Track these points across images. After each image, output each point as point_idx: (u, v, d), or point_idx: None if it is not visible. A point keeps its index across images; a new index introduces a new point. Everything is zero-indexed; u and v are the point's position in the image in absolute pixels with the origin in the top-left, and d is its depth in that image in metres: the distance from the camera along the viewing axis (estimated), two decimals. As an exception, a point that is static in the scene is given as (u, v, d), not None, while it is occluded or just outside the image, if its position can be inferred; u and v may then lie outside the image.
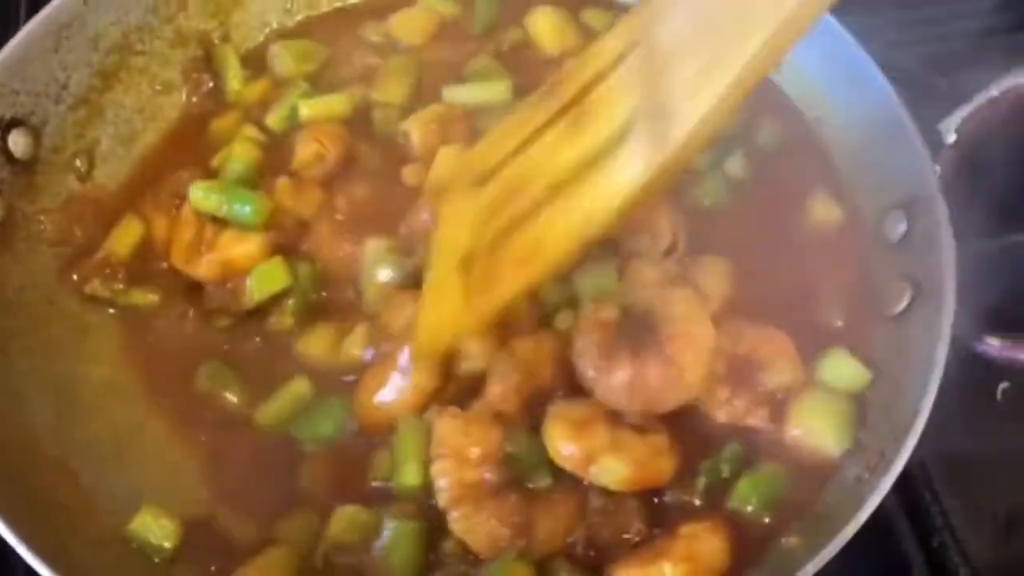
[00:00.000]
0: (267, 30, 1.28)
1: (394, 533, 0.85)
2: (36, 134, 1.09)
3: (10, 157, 1.06)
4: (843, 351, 0.96)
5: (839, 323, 0.99)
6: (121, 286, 1.06)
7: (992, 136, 1.02)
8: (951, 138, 1.01)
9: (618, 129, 0.81)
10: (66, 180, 1.12)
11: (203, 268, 1.04)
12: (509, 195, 0.88)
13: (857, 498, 0.82)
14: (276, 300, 1.02)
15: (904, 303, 0.97)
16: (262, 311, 1.02)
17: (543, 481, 0.86)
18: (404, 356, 0.91)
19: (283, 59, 1.21)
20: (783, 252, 1.01)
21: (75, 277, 1.07)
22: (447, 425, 0.85)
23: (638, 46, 0.82)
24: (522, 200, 0.86)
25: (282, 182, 1.08)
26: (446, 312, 0.89)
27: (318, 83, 1.20)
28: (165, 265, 1.07)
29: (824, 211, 1.05)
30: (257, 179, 1.08)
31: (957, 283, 0.92)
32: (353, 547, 0.85)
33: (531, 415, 0.88)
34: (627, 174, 0.79)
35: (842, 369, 0.95)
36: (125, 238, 1.08)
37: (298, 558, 0.87)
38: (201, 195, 1.04)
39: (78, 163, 1.13)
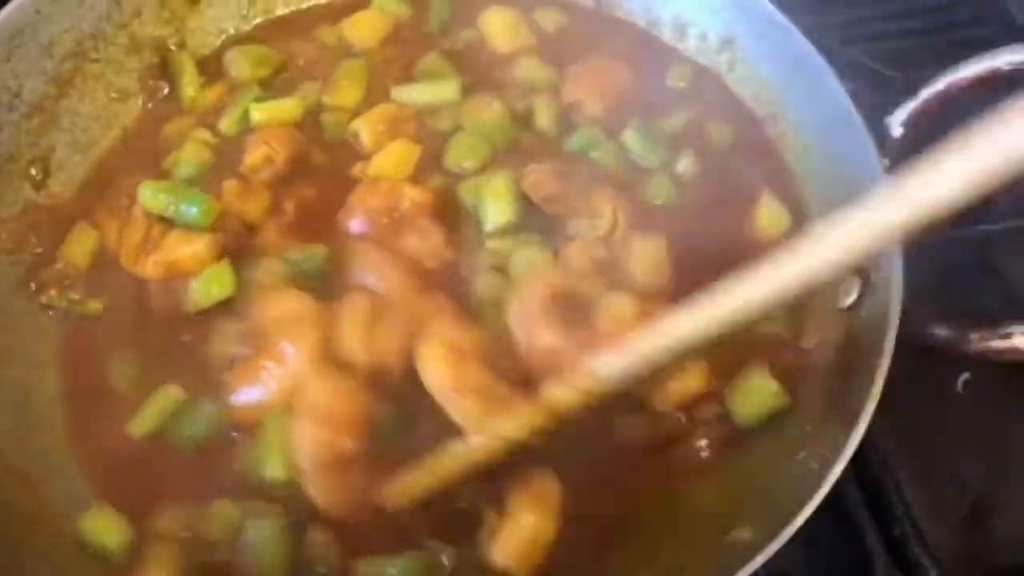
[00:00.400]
0: (223, 36, 1.28)
1: (257, 531, 0.86)
2: (-11, 142, 1.09)
3: (-36, 166, 1.06)
4: (762, 372, 0.96)
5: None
6: (77, 296, 1.05)
7: (939, 129, 1.02)
8: (898, 131, 1.02)
9: None
10: (22, 189, 1.12)
11: (149, 268, 1.03)
12: None
13: (808, 488, 0.83)
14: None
15: (854, 296, 0.98)
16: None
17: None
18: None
19: (239, 64, 1.21)
20: (725, 251, 1.01)
21: (33, 286, 1.06)
22: (317, 387, 0.86)
23: None
24: None
25: (229, 184, 1.08)
26: None
27: (272, 87, 1.20)
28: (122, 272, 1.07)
29: (770, 217, 1.06)
30: (207, 181, 1.08)
31: (910, 273, 0.93)
32: (223, 545, 0.86)
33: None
34: None
35: (758, 393, 0.95)
36: (80, 246, 1.08)
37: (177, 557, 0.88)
38: (149, 195, 1.03)
39: (33, 171, 1.13)
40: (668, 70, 1.21)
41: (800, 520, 0.79)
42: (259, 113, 1.15)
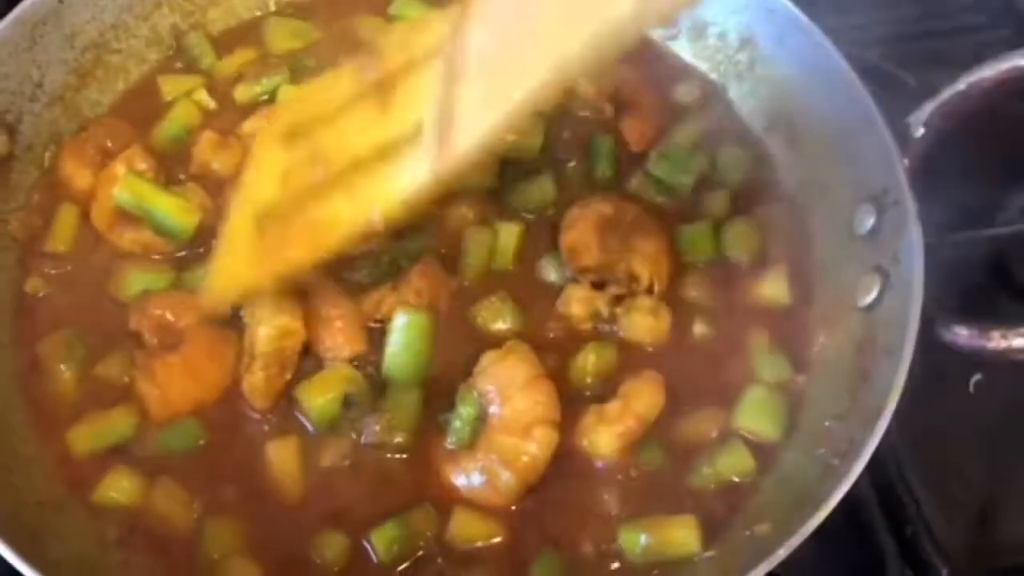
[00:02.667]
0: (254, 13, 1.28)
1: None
2: (11, 132, 1.09)
3: (-15, 155, 1.06)
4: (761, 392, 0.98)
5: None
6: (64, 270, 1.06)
7: (959, 129, 1.03)
8: (919, 131, 1.02)
9: (414, 126, 0.82)
10: (33, 176, 1.12)
11: (126, 242, 1.05)
12: (314, 161, 0.89)
13: (827, 485, 0.83)
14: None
15: (874, 294, 0.98)
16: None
17: None
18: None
19: (273, 33, 1.23)
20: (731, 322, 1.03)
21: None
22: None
23: (445, 49, 0.82)
24: (324, 169, 0.88)
25: (208, 135, 1.10)
26: (238, 263, 0.92)
27: (298, 68, 1.20)
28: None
29: (774, 290, 1.06)
30: (189, 139, 1.11)
31: (925, 274, 0.93)
32: None
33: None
34: (412, 174, 0.81)
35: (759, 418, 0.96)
36: (65, 229, 1.08)
37: None
38: (127, 196, 1.03)
39: (47, 160, 1.13)
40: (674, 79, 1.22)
41: (822, 515, 0.80)
42: (286, 94, 1.15)
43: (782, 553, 0.78)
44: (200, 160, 1.10)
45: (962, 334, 0.90)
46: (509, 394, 0.91)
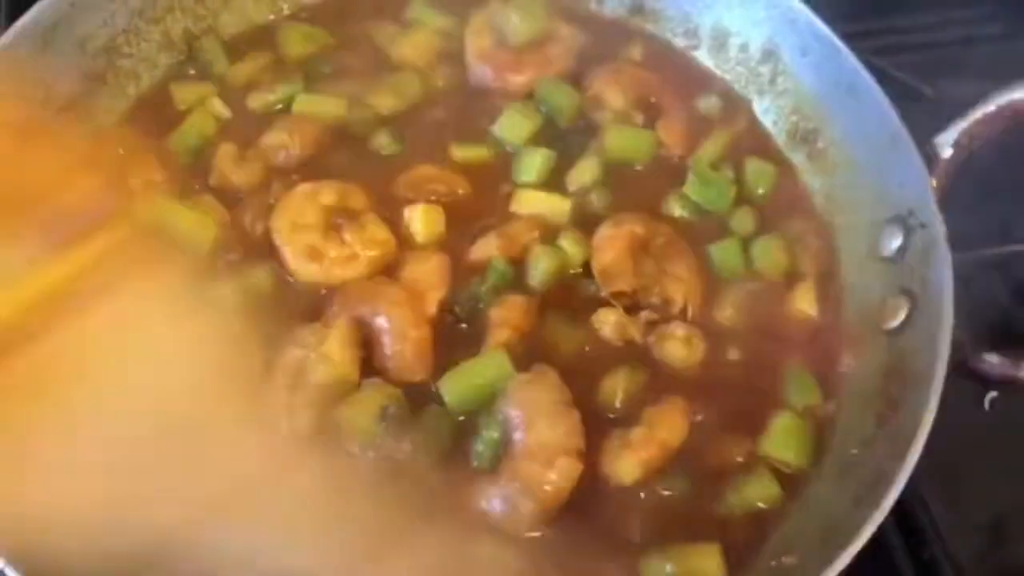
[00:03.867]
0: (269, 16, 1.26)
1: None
2: (21, 139, 1.07)
3: (-6, 165, 1.03)
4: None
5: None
6: None
7: (988, 150, 1.02)
8: (947, 152, 1.01)
9: None
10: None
11: None
12: None
13: (856, 516, 0.82)
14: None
15: (901, 317, 0.97)
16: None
17: None
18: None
19: (287, 38, 1.21)
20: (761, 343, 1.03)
21: None
22: None
23: None
24: None
25: (225, 148, 1.08)
26: None
27: (313, 75, 1.18)
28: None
29: (803, 304, 1.05)
30: (204, 150, 1.10)
31: (954, 297, 0.92)
32: None
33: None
34: None
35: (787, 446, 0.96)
36: None
37: None
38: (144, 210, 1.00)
39: (59, 168, 1.11)
40: (696, 89, 1.21)
41: (853, 550, 0.79)
42: (302, 104, 1.14)
43: (814, 589, 0.77)
44: (220, 173, 1.08)
45: (993, 363, 0.90)
46: (534, 421, 0.90)
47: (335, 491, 0.91)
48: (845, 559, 0.78)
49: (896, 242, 1.01)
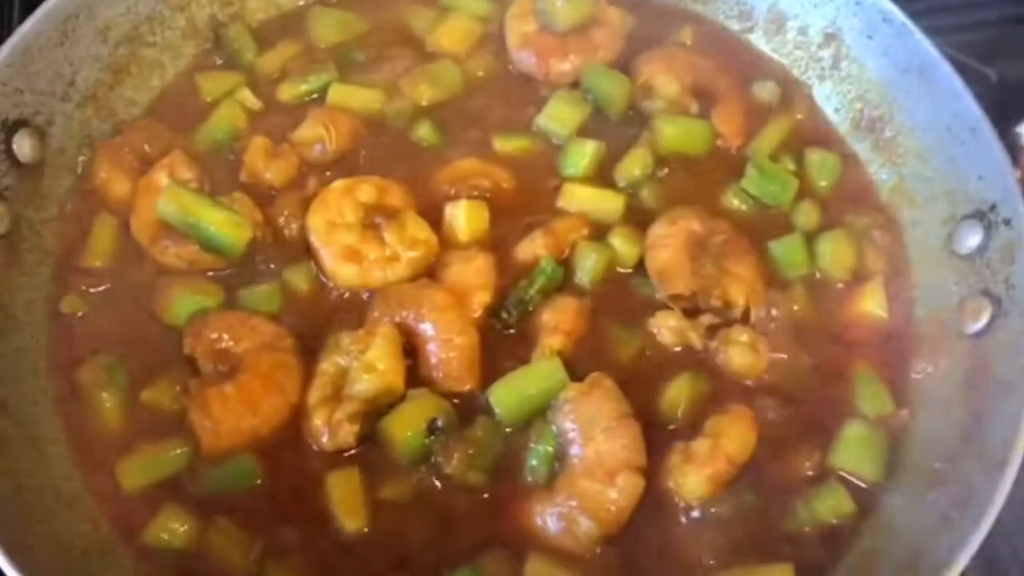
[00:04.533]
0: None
1: None
2: (41, 135, 1.01)
3: (15, 162, 0.98)
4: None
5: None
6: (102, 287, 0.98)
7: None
8: (1032, 142, 0.94)
9: None
10: (66, 182, 1.04)
11: (170, 257, 0.98)
12: None
13: (946, 540, 0.77)
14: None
15: (983, 321, 0.91)
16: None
17: None
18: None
19: (318, 23, 1.15)
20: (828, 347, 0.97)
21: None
22: None
23: None
24: None
25: (259, 141, 1.03)
26: None
27: (346, 63, 1.12)
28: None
29: (872, 305, 0.99)
30: (234, 144, 1.05)
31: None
32: None
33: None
34: None
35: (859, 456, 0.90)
36: (103, 242, 1.00)
37: None
38: (173, 209, 0.95)
39: (80, 165, 1.05)
40: (752, 75, 1.14)
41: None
42: (337, 95, 1.08)
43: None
44: (251, 168, 1.03)
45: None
46: (592, 435, 0.85)
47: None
48: (945, 585, 0.72)
49: (975, 239, 0.95)
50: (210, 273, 0.98)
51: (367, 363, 0.89)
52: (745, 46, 1.17)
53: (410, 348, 0.93)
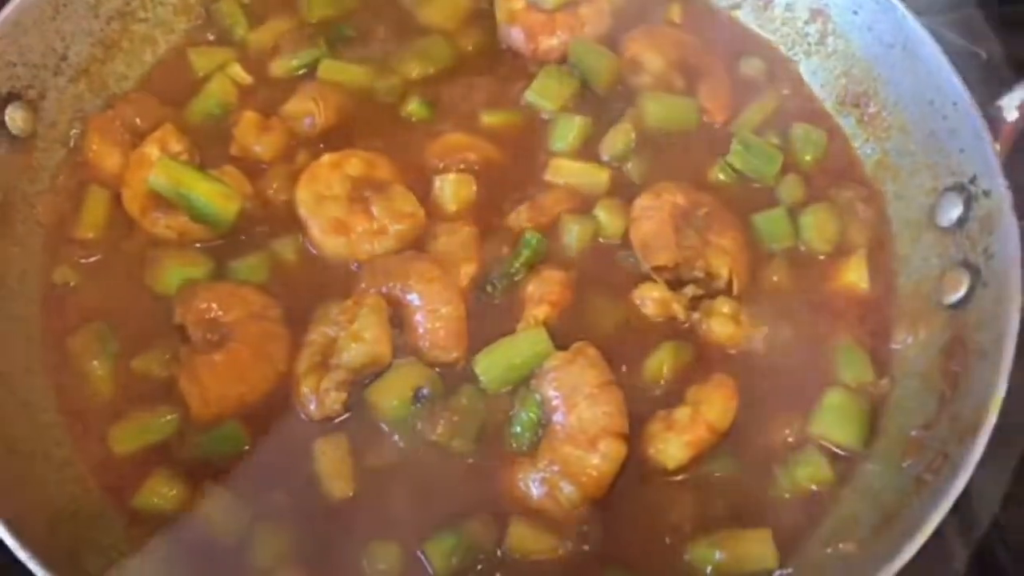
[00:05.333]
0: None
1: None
2: (34, 108, 1.02)
3: (8, 134, 0.99)
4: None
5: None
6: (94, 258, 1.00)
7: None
8: (1013, 115, 0.95)
9: None
10: (58, 155, 1.05)
11: (160, 229, 0.99)
12: None
13: (921, 503, 0.78)
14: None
15: (961, 291, 0.92)
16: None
17: None
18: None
19: (311, 1, 1.16)
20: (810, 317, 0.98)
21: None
22: None
23: None
24: None
25: (249, 116, 1.04)
26: None
27: (337, 39, 1.13)
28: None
29: (854, 277, 0.99)
30: (225, 118, 1.06)
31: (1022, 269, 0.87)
32: None
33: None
34: None
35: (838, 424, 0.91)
36: (95, 214, 1.01)
37: None
38: (163, 181, 0.97)
39: (72, 138, 1.06)
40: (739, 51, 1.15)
41: (920, 539, 0.74)
42: (327, 70, 1.09)
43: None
44: (242, 142, 1.04)
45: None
46: (575, 402, 0.86)
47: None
48: (912, 549, 0.74)
49: (956, 211, 0.95)
50: (200, 244, 0.99)
51: (354, 333, 0.90)
52: (732, 23, 1.18)
53: (397, 318, 0.94)
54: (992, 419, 0.79)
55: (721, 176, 1.05)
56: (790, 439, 0.91)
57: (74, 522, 0.85)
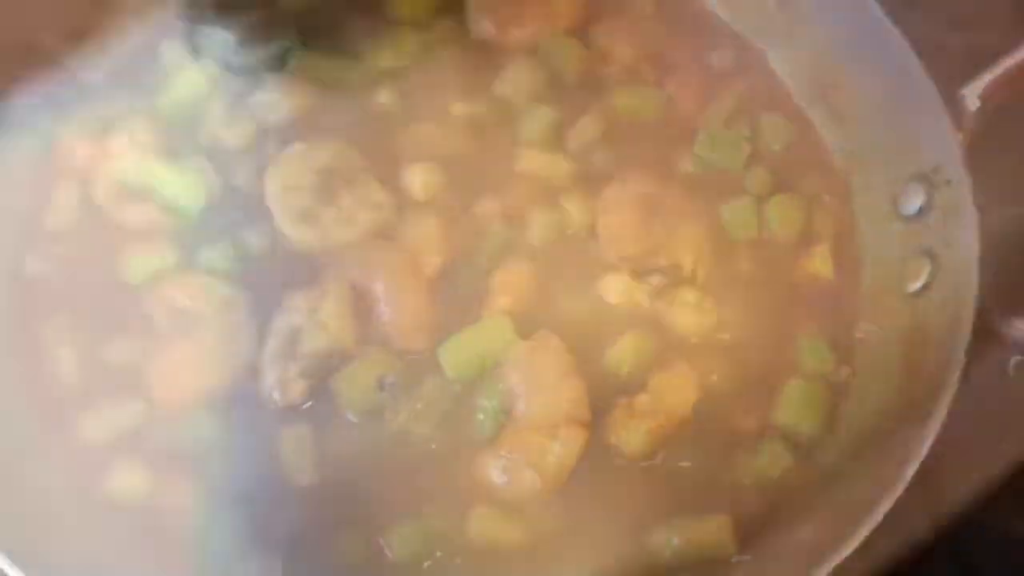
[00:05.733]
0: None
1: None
2: (3, 98, 1.03)
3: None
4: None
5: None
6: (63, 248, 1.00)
7: (1019, 103, 0.96)
8: (975, 104, 0.95)
9: None
10: (29, 144, 1.05)
11: (129, 220, 0.99)
12: None
13: (875, 488, 0.79)
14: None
15: (922, 279, 0.93)
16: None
17: None
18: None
19: None
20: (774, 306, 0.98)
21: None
22: None
23: None
24: None
25: (217, 106, 1.04)
26: None
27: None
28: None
29: (818, 266, 1.00)
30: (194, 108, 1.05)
31: (979, 259, 0.87)
32: None
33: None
34: None
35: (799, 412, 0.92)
36: (63, 205, 1.01)
37: None
38: (131, 171, 0.98)
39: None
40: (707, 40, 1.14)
41: (872, 523, 0.75)
42: (296, 60, 1.09)
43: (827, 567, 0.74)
44: (211, 132, 1.04)
45: (1021, 328, 0.85)
46: (536, 389, 0.87)
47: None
48: (863, 532, 0.75)
49: (918, 201, 0.96)
50: (168, 234, 1.00)
51: (319, 321, 0.91)
52: (703, 13, 1.18)
53: (364, 308, 0.95)
54: (945, 405, 0.80)
55: (689, 167, 1.05)
56: (752, 427, 0.91)
57: (43, 514, 0.86)
